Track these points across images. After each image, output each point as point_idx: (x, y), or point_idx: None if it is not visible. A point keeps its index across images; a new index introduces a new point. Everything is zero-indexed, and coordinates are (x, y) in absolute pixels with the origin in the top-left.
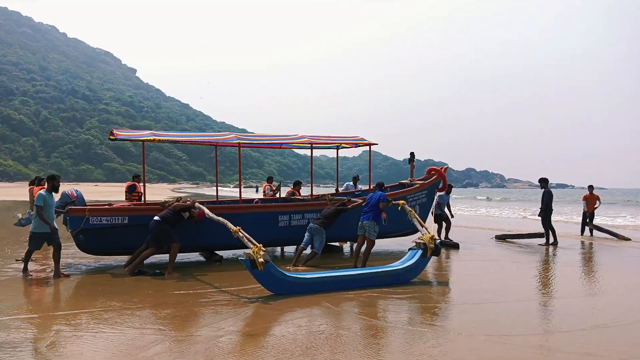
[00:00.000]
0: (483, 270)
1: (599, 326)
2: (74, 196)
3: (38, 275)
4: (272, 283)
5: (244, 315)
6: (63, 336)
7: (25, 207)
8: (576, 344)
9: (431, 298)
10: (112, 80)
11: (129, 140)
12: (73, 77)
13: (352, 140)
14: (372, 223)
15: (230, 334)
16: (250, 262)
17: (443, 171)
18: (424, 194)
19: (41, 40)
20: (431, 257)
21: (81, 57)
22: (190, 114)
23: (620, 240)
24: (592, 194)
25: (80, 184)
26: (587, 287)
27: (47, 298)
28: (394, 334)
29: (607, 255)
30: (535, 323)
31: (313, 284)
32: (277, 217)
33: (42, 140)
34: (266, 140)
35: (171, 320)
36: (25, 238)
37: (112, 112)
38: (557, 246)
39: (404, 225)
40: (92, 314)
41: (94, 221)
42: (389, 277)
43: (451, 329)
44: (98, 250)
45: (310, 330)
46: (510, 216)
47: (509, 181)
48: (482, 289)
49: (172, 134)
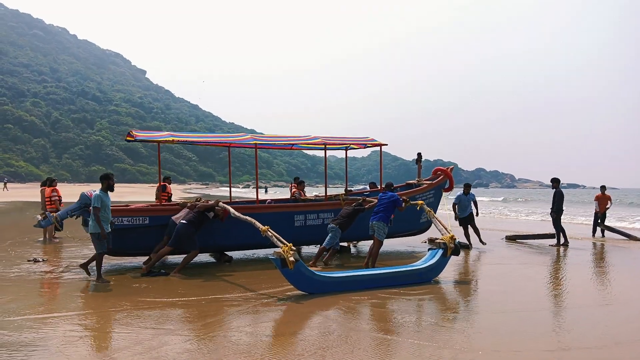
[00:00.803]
0: (496, 272)
1: (621, 342)
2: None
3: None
4: (301, 282)
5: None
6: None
7: (37, 208)
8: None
9: (451, 300)
10: (122, 81)
11: (147, 141)
12: (83, 78)
13: (362, 141)
14: (382, 224)
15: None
16: (280, 261)
17: (449, 171)
18: (431, 194)
19: (52, 42)
20: (451, 256)
21: (91, 58)
22: (200, 115)
23: (632, 241)
24: (604, 194)
25: (91, 185)
26: (602, 294)
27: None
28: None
29: (620, 257)
30: (550, 336)
31: (340, 283)
32: (293, 217)
33: (53, 141)
34: (281, 141)
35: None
36: (36, 238)
37: (122, 113)
38: (569, 247)
39: (410, 225)
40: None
41: (116, 222)
42: (412, 277)
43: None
44: (119, 251)
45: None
46: (524, 218)
47: (519, 181)
48: (496, 291)
49: (189, 135)
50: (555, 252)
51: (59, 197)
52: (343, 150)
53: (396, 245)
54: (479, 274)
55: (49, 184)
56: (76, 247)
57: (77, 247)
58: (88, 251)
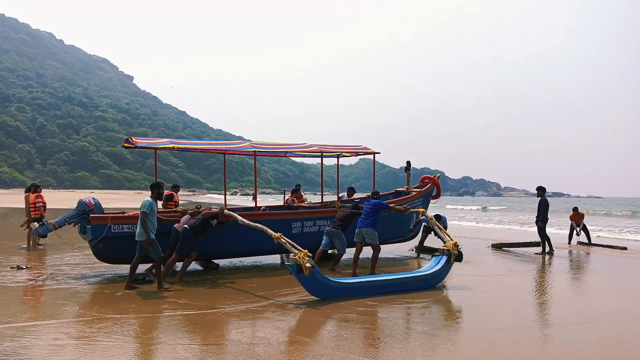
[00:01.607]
0: (488, 280)
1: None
2: (92, 204)
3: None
4: (316, 288)
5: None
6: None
7: (21, 214)
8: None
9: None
10: (109, 87)
11: (147, 148)
12: (70, 84)
13: (355, 149)
14: (371, 230)
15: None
16: (296, 267)
17: (436, 179)
18: (419, 202)
19: (38, 47)
20: (454, 263)
21: (78, 64)
22: (187, 121)
23: (616, 250)
24: (578, 213)
25: (76, 191)
26: (584, 305)
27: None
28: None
29: (602, 264)
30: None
31: (353, 289)
32: (290, 224)
33: (38, 147)
34: (279, 148)
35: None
36: (20, 245)
37: (109, 119)
38: (554, 255)
39: (400, 232)
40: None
41: (116, 229)
42: (419, 282)
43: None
44: (117, 258)
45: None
46: (506, 227)
47: (505, 190)
48: (485, 297)
49: (188, 142)
50: (541, 261)
51: (44, 203)
52: (335, 157)
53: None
54: (476, 282)
55: (34, 190)
56: (60, 254)
57: (61, 255)
58: (70, 259)
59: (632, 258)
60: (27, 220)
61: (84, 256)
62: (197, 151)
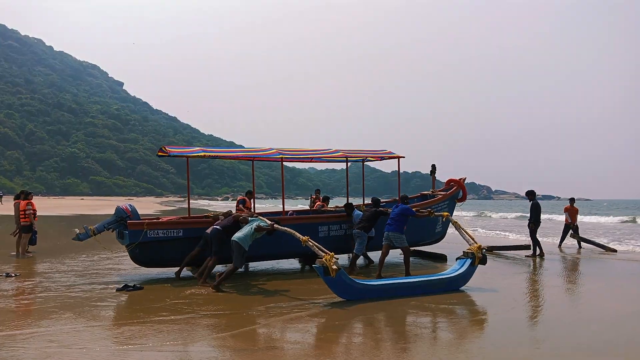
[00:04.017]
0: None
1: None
2: (129, 211)
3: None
4: (342, 289)
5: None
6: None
7: (10, 221)
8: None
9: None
10: (99, 93)
11: (180, 156)
12: (59, 90)
13: (380, 153)
14: (397, 234)
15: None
16: (323, 269)
17: (462, 182)
18: (445, 205)
19: (27, 54)
20: (478, 265)
21: (68, 70)
22: (178, 127)
23: (607, 252)
24: (572, 206)
25: (66, 198)
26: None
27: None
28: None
29: (596, 267)
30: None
31: (378, 290)
32: (317, 227)
33: (27, 153)
34: (304, 154)
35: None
36: (9, 252)
37: (99, 125)
38: (544, 258)
39: (426, 236)
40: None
41: (152, 234)
42: (444, 284)
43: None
44: (152, 262)
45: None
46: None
47: (495, 193)
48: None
49: (217, 150)
50: (532, 264)
51: (34, 210)
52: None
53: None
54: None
55: (24, 197)
56: (49, 262)
57: (50, 262)
58: (59, 266)
59: (625, 260)
60: (17, 228)
61: (73, 264)
62: (227, 158)
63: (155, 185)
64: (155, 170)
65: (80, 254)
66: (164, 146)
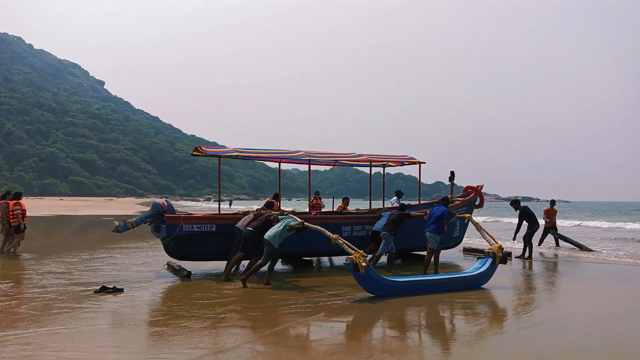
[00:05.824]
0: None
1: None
2: (165, 206)
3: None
4: (371, 285)
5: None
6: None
7: None
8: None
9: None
10: (80, 92)
11: (216, 156)
12: (39, 89)
13: (400, 158)
14: (434, 234)
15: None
16: (353, 265)
17: (479, 189)
18: (462, 211)
19: (6, 52)
20: (498, 265)
21: (48, 68)
22: (160, 127)
23: (583, 251)
24: (552, 208)
25: (45, 198)
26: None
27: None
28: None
29: (581, 270)
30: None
31: (405, 287)
32: (340, 227)
33: (5, 153)
34: (330, 157)
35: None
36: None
37: (79, 125)
38: (532, 261)
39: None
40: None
41: (187, 228)
42: (466, 282)
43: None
44: (186, 255)
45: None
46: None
47: None
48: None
49: (250, 150)
50: (524, 266)
51: (23, 210)
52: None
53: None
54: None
55: (14, 197)
56: (35, 262)
57: (36, 262)
58: (54, 267)
59: (601, 263)
60: (2, 228)
61: (53, 265)
62: (258, 159)
63: (136, 186)
64: (136, 171)
65: (60, 255)
66: (199, 146)
